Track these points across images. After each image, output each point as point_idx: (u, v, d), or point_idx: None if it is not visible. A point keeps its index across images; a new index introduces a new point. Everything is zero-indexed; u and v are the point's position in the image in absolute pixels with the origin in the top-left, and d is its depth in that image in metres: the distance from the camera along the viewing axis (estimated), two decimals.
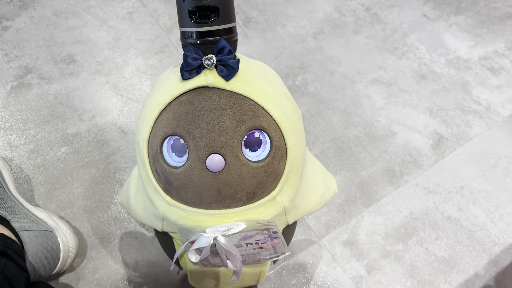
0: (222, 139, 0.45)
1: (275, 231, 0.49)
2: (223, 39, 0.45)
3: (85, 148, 0.83)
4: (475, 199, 0.86)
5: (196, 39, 0.46)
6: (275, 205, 0.50)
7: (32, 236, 0.63)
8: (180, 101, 0.47)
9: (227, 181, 0.46)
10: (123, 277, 0.72)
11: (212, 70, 0.46)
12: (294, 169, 0.50)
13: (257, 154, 0.47)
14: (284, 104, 0.49)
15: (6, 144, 0.82)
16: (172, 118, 0.46)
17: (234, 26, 0.48)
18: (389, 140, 0.91)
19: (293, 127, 0.49)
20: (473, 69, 1.04)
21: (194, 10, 0.44)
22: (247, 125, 0.46)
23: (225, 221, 0.48)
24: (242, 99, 0.46)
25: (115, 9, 1.02)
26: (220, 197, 0.47)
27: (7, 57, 0.92)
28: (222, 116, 0.45)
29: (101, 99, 0.89)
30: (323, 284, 0.75)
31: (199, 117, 0.45)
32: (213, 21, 0.45)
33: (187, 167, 0.46)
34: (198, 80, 0.46)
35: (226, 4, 0.45)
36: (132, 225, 0.76)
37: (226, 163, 0.46)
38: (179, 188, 0.48)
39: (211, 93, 0.46)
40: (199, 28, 0.45)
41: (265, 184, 0.48)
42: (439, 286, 0.77)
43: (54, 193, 0.78)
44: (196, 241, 0.48)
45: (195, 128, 0.45)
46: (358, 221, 0.82)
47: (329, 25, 1.07)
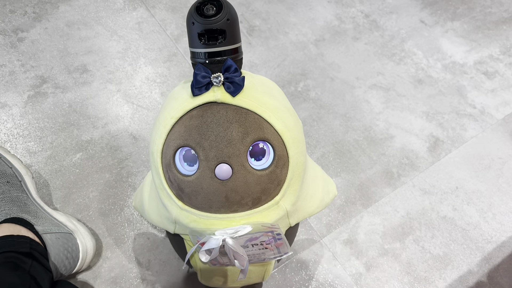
0: (230, 150, 0.50)
1: (279, 233, 0.53)
2: (230, 59, 0.50)
3: (99, 154, 0.88)
4: (469, 199, 0.90)
5: (205, 58, 0.50)
6: (278, 209, 0.54)
7: (54, 239, 0.68)
8: (191, 115, 0.51)
9: (234, 188, 0.51)
10: (136, 275, 0.77)
11: (219, 87, 0.51)
12: (295, 176, 0.54)
13: (262, 163, 0.52)
14: (286, 117, 0.53)
15: (25, 151, 0.87)
16: (184, 130, 0.51)
17: (240, 46, 0.52)
18: (387, 143, 0.96)
19: (294, 138, 0.53)
20: (469, 73, 1.08)
21: (203, 33, 0.49)
22: (252, 137, 0.51)
23: (232, 224, 0.53)
24: (248, 113, 0.51)
25: (125, 19, 1.06)
26: (228, 202, 0.52)
27: (24, 67, 0.96)
28: (229, 129, 0.50)
29: (113, 106, 0.94)
30: (325, 281, 0.80)
31: (208, 130, 0.50)
32: (220, 42, 0.50)
33: (197, 176, 0.51)
34: (207, 96, 0.51)
35: (232, 27, 0.50)
36: (144, 227, 0.81)
37: (233, 172, 0.51)
38: (190, 195, 0.52)
39: (219, 108, 0.51)
40: (208, 49, 0.50)
41: (269, 190, 0.53)
42: (434, 283, 0.81)
43: (71, 197, 0.83)
44: (206, 243, 0.53)
45: (205, 140, 0.50)
46: (358, 221, 0.86)
47: (330, 32, 1.11)
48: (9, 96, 0.93)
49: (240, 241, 0.53)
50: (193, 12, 0.48)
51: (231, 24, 0.49)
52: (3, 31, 1.01)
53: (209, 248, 0.53)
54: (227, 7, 0.49)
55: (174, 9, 1.09)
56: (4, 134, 0.88)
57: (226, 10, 0.48)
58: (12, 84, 0.94)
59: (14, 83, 0.94)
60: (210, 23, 0.48)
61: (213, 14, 0.48)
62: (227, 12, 0.48)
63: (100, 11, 1.07)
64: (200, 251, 0.55)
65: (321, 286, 0.79)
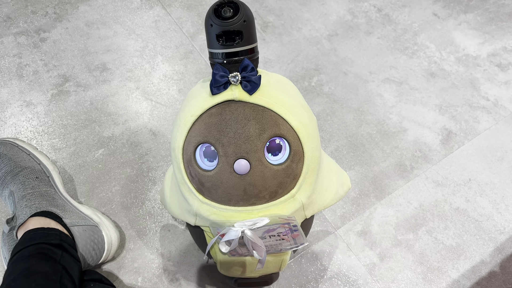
0: (247, 146, 0.53)
1: (295, 225, 0.56)
2: (246, 58, 0.53)
3: (120, 150, 0.92)
4: (482, 191, 0.92)
5: (223, 59, 0.53)
6: (294, 202, 0.57)
7: (81, 231, 0.72)
8: (210, 113, 0.54)
9: (252, 182, 0.54)
10: (158, 265, 0.81)
11: (237, 86, 0.53)
12: (310, 170, 0.57)
13: (278, 158, 0.55)
14: (301, 113, 0.56)
15: (50, 147, 0.91)
16: (204, 128, 0.54)
17: (256, 46, 0.55)
18: (400, 136, 0.97)
19: (309, 133, 0.56)
20: (482, 66, 1.08)
21: (221, 34, 0.52)
22: (268, 133, 0.53)
23: (250, 217, 0.56)
24: (264, 110, 0.54)
25: (142, 18, 1.09)
26: (246, 196, 0.55)
27: (47, 66, 1.00)
28: (247, 126, 0.53)
29: (132, 104, 0.97)
30: (339, 271, 0.82)
31: (227, 127, 0.53)
32: (237, 43, 0.52)
33: (217, 171, 0.54)
34: (225, 95, 0.53)
35: (248, 28, 0.52)
36: (165, 219, 0.85)
37: (251, 167, 0.53)
38: (210, 189, 0.55)
39: (237, 106, 0.53)
40: (226, 49, 0.52)
41: (285, 184, 0.56)
42: (447, 272, 0.83)
43: (95, 191, 0.87)
44: (226, 234, 0.56)
45: (224, 137, 0.53)
46: (371, 213, 0.88)
47: (343, 27, 1.12)
48: (34, 94, 0.96)
49: (258, 233, 0.56)
50: (211, 14, 0.51)
51: (248, 25, 0.52)
52: (26, 32, 1.05)
53: (229, 239, 0.55)
54: (244, 9, 0.51)
55: (190, 7, 1.12)
56: (30, 131, 0.92)
57: (243, 12, 0.51)
58: (36, 83, 0.98)
59: (38, 82, 0.98)
60: (228, 24, 0.51)
61: (231, 16, 0.51)
62: (243, 14, 0.51)
63: (118, 11, 1.10)
64: (220, 242, 0.58)
65: (335, 276, 0.82)
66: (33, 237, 0.66)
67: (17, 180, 0.74)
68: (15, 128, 0.92)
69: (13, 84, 0.98)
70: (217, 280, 0.80)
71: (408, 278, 0.82)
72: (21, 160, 0.77)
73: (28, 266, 0.60)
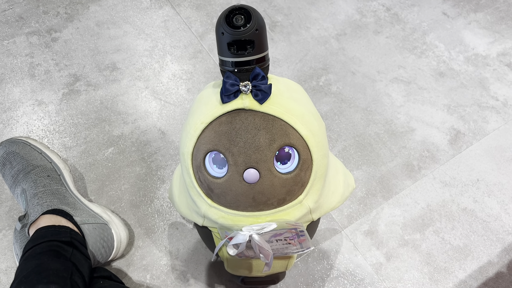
0: (257, 156, 0.53)
1: (302, 230, 0.57)
2: (257, 67, 0.52)
3: (129, 148, 0.93)
4: (490, 191, 0.91)
5: (233, 67, 0.53)
6: (302, 207, 0.58)
7: (91, 229, 0.73)
8: (220, 121, 0.54)
9: (261, 191, 0.55)
10: (166, 263, 0.82)
11: (247, 95, 0.53)
12: (318, 177, 0.57)
13: (287, 166, 0.55)
14: (310, 122, 0.56)
15: (61, 146, 0.92)
16: (214, 136, 0.54)
17: (267, 54, 0.54)
18: (408, 136, 0.97)
19: (318, 142, 0.56)
20: (491, 65, 1.07)
21: (232, 43, 0.51)
22: (278, 143, 0.54)
23: (258, 221, 0.56)
24: (274, 120, 0.54)
25: (151, 18, 1.10)
26: (255, 203, 0.56)
27: (58, 66, 1.02)
28: (257, 136, 0.53)
29: (141, 103, 0.98)
30: (346, 271, 0.83)
31: (237, 136, 0.53)
32: (249, 52, 0.51)
33: (226, 179, 0.55)
34: (236, 103, 0.53)
35: (260, 37, 0.51)
36: (173, 217, 0.86)
37: (260, 176, 0.54)
38: (219, 194, 0.56)
39: (247, 115, 0.53)
40: (237, 58, 0.52)
41: (293, 191, 0.56)
42: (454, 273, 0.83)
43: (104, 189, 0.88)
44: (234, 238, 0.57)
45: (234, 146, 0.53)
46: (378, 212, 0.88)
47: (351, 27, 1.12)
48: (45, 94, 0.98)
49: (265, 237, 0.57)
50: (223, 22, 0.50)
51: (260, 33, 0.51)
52: (38, 32, 1.06)
53: (237, 242, 0.56)
54: (256, 17, 0.50)
55: (199, 6, 1.13)
56: (41, 130, 0.94)
57: (255, 20, 0.50)
58: (47, 82, 0.99)
59: (50, 81, 1.00)
60: (240, 33, 0.50)
61: (242, 24, 0.50)
62: (255, 23, 0.50)
63: (127, 10, 1.11)
64: (228, 245, 0.59)
65: (342, 275, 0.82)
66: (44, 235, 0.67)
67: (29, 178, 0.76)
68: (27, 126, 0.94)
69: (25, 84, 0.99)
70: (225, 278, 0.81)
71: (415, 278, 0.82)
72: (33, 158, 0.78)
73: (40, 263, 0.62)
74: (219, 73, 1.03)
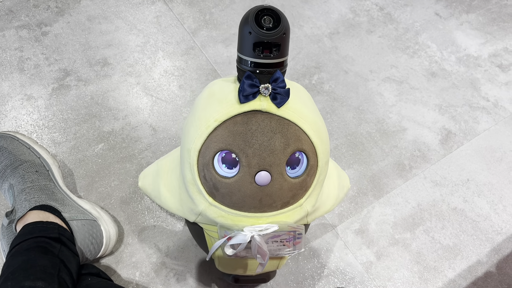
0: (272, 159, 0.53)
1: (300, 233, 0.57)
2: (279, 70, 0.52)
3: (120, 145, 0.92)
4: (480, 191, 0.92)
5: (255, 68, 0.51)
6: (301, 211, 0.58)
7: (80, 225, 0.72)
8: (235, 121, 0.53)
9: (270, 193, 0.54)
10: (156, 260, 0.81)
11: (266, 97, 0.52)
12: (319, 182, 0.58)
13: (295, 171, 0.55)
14: (321, 130, 0.56)
15: (50, 141, 0.91)
16: (228, 135, 0.53)
17: (287, 58, 0.54)
18: (399, 135, 0.97)
19: (325, 149, 0.56)
20: (483, 66, 1.08)
21: (259, 43, 0.50)
22: (292, 147, 0.53)
23: (259, 222, 0.56)
24: (289, 124, 0.53)
25: (143, 13, 1.09)
26: (261, 204, 0.55)
27: (48, 60, 1.00)
28: (273, 139, 0.52)
29: (132, 99, 0.97)
30: (336, 269, 0.83)
31: (252, 138, 0.52)
32: (274, 55, 0.51)
33: (237, 179, 0.54)
34: (253, 105, 0.52)
35: (286, 41, 0.51)
36: (163, 215, 0.85)
37: (271, 179, 0.53)
38: (225, 194, 0.55)
39: (263, 117, 0.53)
40: (261, 60, 0.51)
41: (298, 195, 0.57)
42: (443, 272, 0.83)
43: (94, 185, 0.87)
44: (233, 238, 0.56)
45: (249, 148, 0.52)
46: (369, 211, 0.89)
47: (344, 25, 1.12)
48: (35, 88, 0.97)
49: (264, 238, 0.57)
50: (252, 22, 0.49)
51: (286, 37, 0.50)
52: (28, 25, 1.05)
53: (236, 242, 0.56)
54: (284, 20, 0.49)
55: (191, 3, 1.12)
56: (30, 125, 0.92)
57: (284, 24, 0.49)
58: (37, 77, 0.98)
59: (39, 76, 0.98)
60: (269, 36, 0.49)
61: (272, 27, 0.49)
62: (284, 26, 0.49)
63: (119, 5, 1.10)
64: (226, 245, 0.58)
65: (332, 273, 0.82)
66: (32, 231, 0.66)
67: (16, 174, 0.74)
68: (15, 121, 0.93)
69: (14, 78, 0.98)
70: (215, 276, 0.81)
71: (405, 277, 0.82)
72: (21, 153, 0.77)
73: (27, 259, 0.61)
74: (211, 70, 1.03)
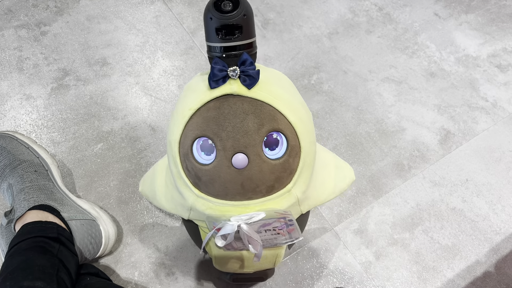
0: (246, 140, 0.53)
1: (290, 219, 0.56)
2: (245, 53, 0.53)
3: (119, 144, 0.92)
4: (479, 192, 0.92)
5: (221, 52, 0.53)
6: (290, 197, 0.57)
7: (79, 225, 0.72)
8: (208, 107, 0.54)
9: (250, 176, 0.54)
10: (155, 260, 0.81)
11: (236, 80, 0.53)
12: (306, 165, 0.57)
13: (275, 152, 0.55)
14: (298, 109, 0.56)
15: (49, 141, 0.91)
16: (202, 122, 0.54)
17: (254, 40, 0.55)
18: (398, 135, 0.97)
19: (306, 129, 0.56)
20: (482, 66, 1.08)
21: (221, 28, 0.52)
22: (267, 127, 0.53)
23: (246, 211, 0.56)
24: (262, 105, 0.54)
25: (143, 13, 1.09)
26: (244, 190, 0.55)
27: (47, 60, 1.00)
28: (246, 120, 0.53)
29: (132, 99, 0.97)
30: (335, 269, 0.83)
31: (225, 121, 0.53)
32: (237, 37, 0.52)
33: (215, 165, 0.54)
34: (224, 89, 0.53)
35: (248, 22, 0.52)
36: (162, 215, 0.85)
37: (249, 161, 0.53)
38: (207, 183, 0.55)
39: (235, 100, 0.53)
40: (225, 43, 0.52)
41: (282, 178, 0.56)
42: (442, 272, 0.84)
43: (93, 185, 0.87)
44: (222, 228, 0.56)
45: (222, 131, 0.53)
46: (368, 211, 0.89)
47: (343, 26, 1.12)
48: (34, 88, 0.97)
49: (254, 227, 0.56)
50: (211, 7, 0.51)
51: (247, 19, 0.52)
52: (27, 25, 1.05)
53: (225, 233, 0.56)
54: (243, 2, 0.51)
55: (191, 2, 1.12)
56: (29, 125, 0.92)
57: (243, 6, 0.51)
58: (36, 76, 0.98)
59: (38, 75, 0.98)
60: (228, 18, 0.51)
61: (231, 10, 0.51)
62: (243, 8, 0.51)
63: (119, 5, 1.10)
64: (216, 236, 0.58)
65: (331, 273, 0.82)
66: (30, 230, 0.66)
67: (15, 173, 0.74)
68: (14, 121, 0.93)
69: (13, 77, 0.98)
70: (214, 276, 0.81)
71: (404, 277, 0.83)
72: (20, 153, 0.77)
73: (25, 259, 0.61)
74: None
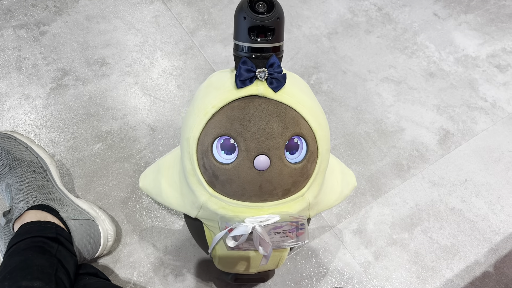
0: (270, 142, 0.53)
1: (302, 223, 0.57)
2: (274, 55, 0.53)
3: (118, 144, 0.92)
4: (478, 192, 0.92)
5: (250, 53, 0.52)
6: (303, 201, 0.58)
7: (77, 225, 0.72)
8: (233, 106, 0.53)
9: (269, 179, 0.54)
10: (154, 260, 0.81)
11: (262, 82, 0.53)
12: (321, 171, 0.57)
13: (295, 157, 0.55)
14: (319, 115, 0.56)
15: (48, 141, 0.91)
16: (225, 120, 0.53)
17: (282, 44, 0.55)
18: (397, 136, 0.97)
19: (325, 135, 0.56)
20: (481, 66, 1.08)
21: (253, 28, 0.51)
22: (290, 131, 0.53)
23: (260, 213, 0.56)
24: (287, 109, 0.54)
25: (142, 13, 1.09)
26: (261, 192, 0.55)
27: (46, 60, 1.00)
28: (271, 123, 0.53)
29: (131, 99, 0.97)
30: (334, 269, 0.83)
31: (250, 122, 0.53)
32: (269, 39, 0.52)
33: (235, 165, 0.54)
34: (250, 89, 0.53)
35: (280, 25, 0.52)
36: (161, 214, 0.85)
37: (270, 163, 0.53)
38: (224, 182, 0.55)
39: (261, 102, 0.53)
40: (257, 44, 0.52)
41: (299, 183, 0.56)
42: (441, 272, 0.84)
43: (92, 185, 0.87)
44: (235, 229, 0.56)
45: (247, 132, 0.53)
46: (367, 211, 0.89)
47: (342, 26, 1.12)
48: (33, 88, 0.97)
49: (266, 229, 0.56)
50: (246, 7, 0.50)
51: (280, 22, 0.52)
52: (26, 25, 1.05)
53: (238, 234, 0.56)
54: (278, 5, 0.51)
55: (190, 2, 1.12)
56: (28, 124, 0.92)
57: (277, 8, 0.51)
58: (35, 76, 0.98)
59: (37, 75, 0.98)
60: (263, 19, 0.50)
61: (265, 11, 0.50)
62: (278, 11, 0.51)
63: (118, 5, 1.10)
64: (228, 236, 0.58)
65: (330, 273, 0.82)
66: (29, 230, 0.66)
67: (14, 173, 0.74)
68: (13, 121, 0.93)
69: (12, 77, 0.98)
70: (213, 276, 0.80)
71: (403, 277, 0.83)
72: (19, 153, 0.77)
73: (24, 259, 0.61)
74: (210, 70, 1.03)
